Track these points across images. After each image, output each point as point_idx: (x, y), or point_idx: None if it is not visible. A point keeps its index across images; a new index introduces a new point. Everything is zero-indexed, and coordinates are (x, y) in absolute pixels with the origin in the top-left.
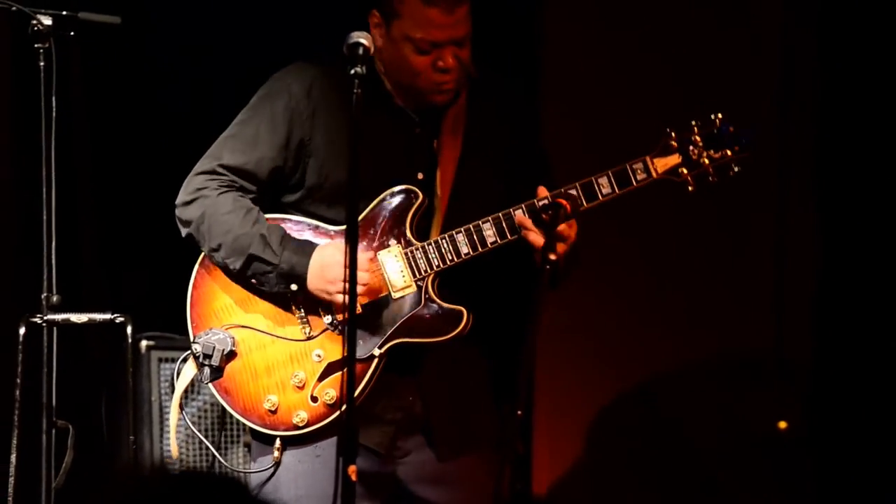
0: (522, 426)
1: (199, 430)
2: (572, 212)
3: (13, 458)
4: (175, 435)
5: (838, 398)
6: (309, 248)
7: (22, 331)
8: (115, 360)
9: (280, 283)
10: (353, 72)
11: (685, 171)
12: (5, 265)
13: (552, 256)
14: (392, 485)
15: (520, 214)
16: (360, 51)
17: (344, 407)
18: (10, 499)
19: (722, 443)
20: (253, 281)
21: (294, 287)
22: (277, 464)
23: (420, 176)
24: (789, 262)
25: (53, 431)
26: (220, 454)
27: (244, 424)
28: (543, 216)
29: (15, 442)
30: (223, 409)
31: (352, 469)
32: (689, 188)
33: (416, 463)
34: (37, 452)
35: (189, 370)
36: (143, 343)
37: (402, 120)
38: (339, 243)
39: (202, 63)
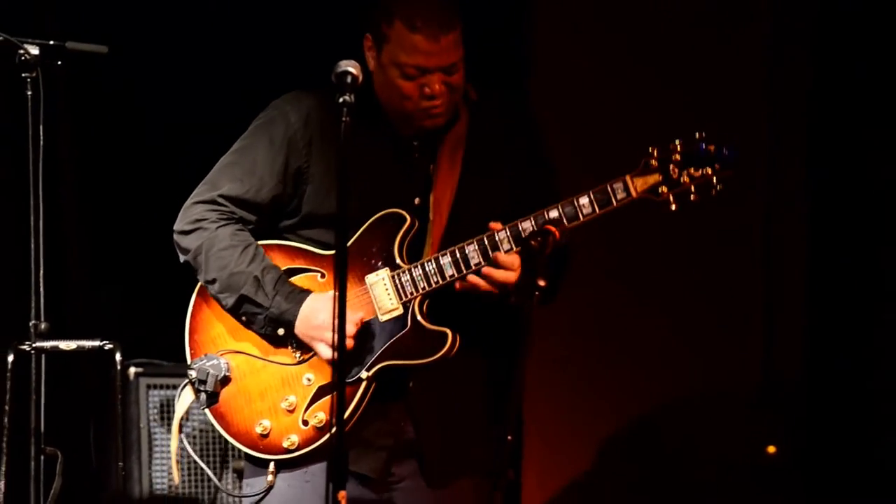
0: (512, 452)
1: (185, 460)
2: (561, 238)
3: (1, 484)
4: (176, 460)
5: (829, 423)
6: (302, 295)
7: (10, 358)
8: (104, 387)
9: (268, 327)
10: (341, 100)
11: (665, 189)
12: None
13: (541, 283)
14: None
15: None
16: (349, 79)
17: (334, 430)
18: None
19: (712, 467)
20: (243, 319)
21: (281, 332)
22: (270, 487)
23: (417, 201)
24: (779, 287)
25: (42, 458)
26: (205, 480)
27: (234, 450)
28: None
29: (3, 469)
30: (213, 434)
31: (342, 495)
32: (672, 207)
33: (409, 489)
34: (25, 479)
35: (187, 396)
36: (132, 370)
37: (399, 145)
38: (332, 295)
39: (190, 90)
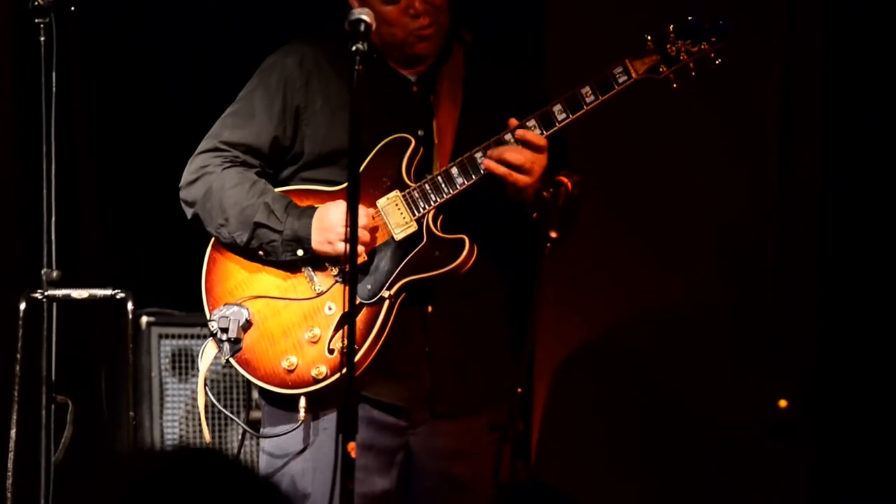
0: (522, 404)
1: (197, 410)
2: (573, 189)
3: (13, 432)
4: (206, 419)
5: (840, 380)
6: (311, 210)
7: (22, 306)
8: (116, 336)
9: (287, 250)
10: (354, 48)
11: (665, 68)
12: (6, 240)
13: (553, 234)
14: (405, 458)
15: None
16: (362, 27)
17: (348, 366)
18: (9, 473)
19: (723, 422)
20: (260, 253)
21: (300, 252)
22: (303, 423)
23: (420, 132)
24: (791, 250)
25: (53, 406)
26: (217, 432)
27: (247, 401)
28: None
29: (15, 417)
30: (224, 384)
31: (351, 446)
32: (673, 85)
33: (425, 434)
34: (36, 427)
35: (210, 351)
36: (144, 319)
37: (397, 81)
38: (339, 202)
39: (202, 38)
